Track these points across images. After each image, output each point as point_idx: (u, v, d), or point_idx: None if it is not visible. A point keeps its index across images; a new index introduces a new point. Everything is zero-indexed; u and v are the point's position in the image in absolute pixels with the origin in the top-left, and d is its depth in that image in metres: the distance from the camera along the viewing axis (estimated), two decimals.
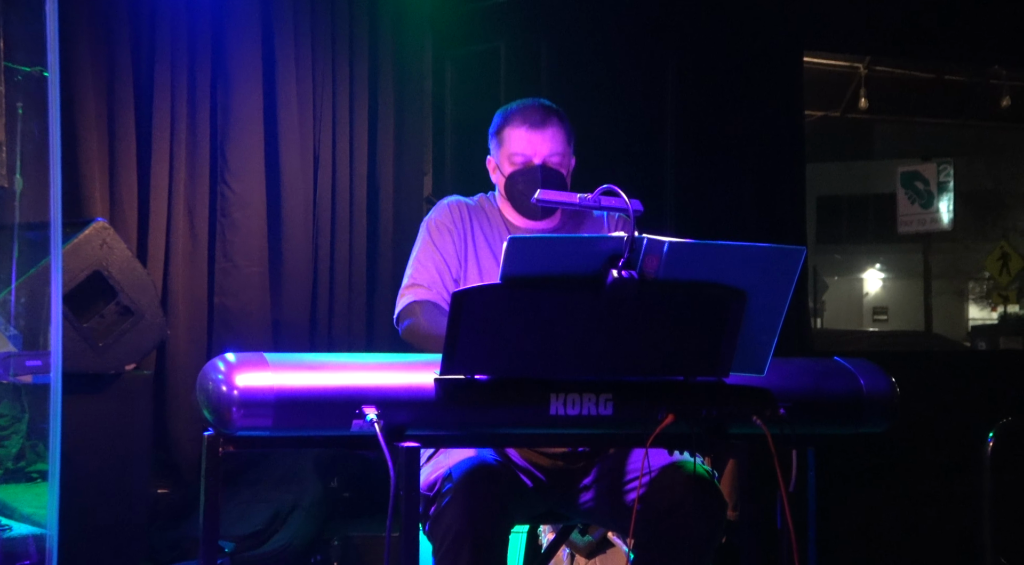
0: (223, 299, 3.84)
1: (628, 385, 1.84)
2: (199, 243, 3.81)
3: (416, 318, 2.30)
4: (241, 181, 3.87)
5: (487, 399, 1.78)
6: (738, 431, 1.88)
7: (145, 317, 3.25)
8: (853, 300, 19.15)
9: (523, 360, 1.78)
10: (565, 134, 2.41)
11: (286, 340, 3.85)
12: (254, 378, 1.70)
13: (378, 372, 1.77)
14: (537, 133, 2.37)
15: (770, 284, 1.80)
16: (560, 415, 1.80)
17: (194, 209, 3.81)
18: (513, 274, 1.71)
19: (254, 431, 1.72)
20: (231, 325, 3.83)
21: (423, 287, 2.36)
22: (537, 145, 2.37)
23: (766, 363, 1.86)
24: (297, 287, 3.94)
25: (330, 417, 1.72)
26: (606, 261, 1.74)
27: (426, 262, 2.39)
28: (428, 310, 2.31)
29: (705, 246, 1.77)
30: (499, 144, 2.43)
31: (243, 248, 3.85)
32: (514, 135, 2.39)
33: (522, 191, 2.37)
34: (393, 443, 1.73)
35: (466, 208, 2.44)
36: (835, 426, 1.97)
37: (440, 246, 2.40)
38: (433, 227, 2.43)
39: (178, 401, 3.72)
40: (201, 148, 3.82)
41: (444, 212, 2.44)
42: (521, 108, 2.41)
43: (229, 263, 3.85)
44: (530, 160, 2.37)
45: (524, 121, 2.38)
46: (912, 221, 11.17)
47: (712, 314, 1.81)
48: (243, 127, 3.87)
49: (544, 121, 2.38)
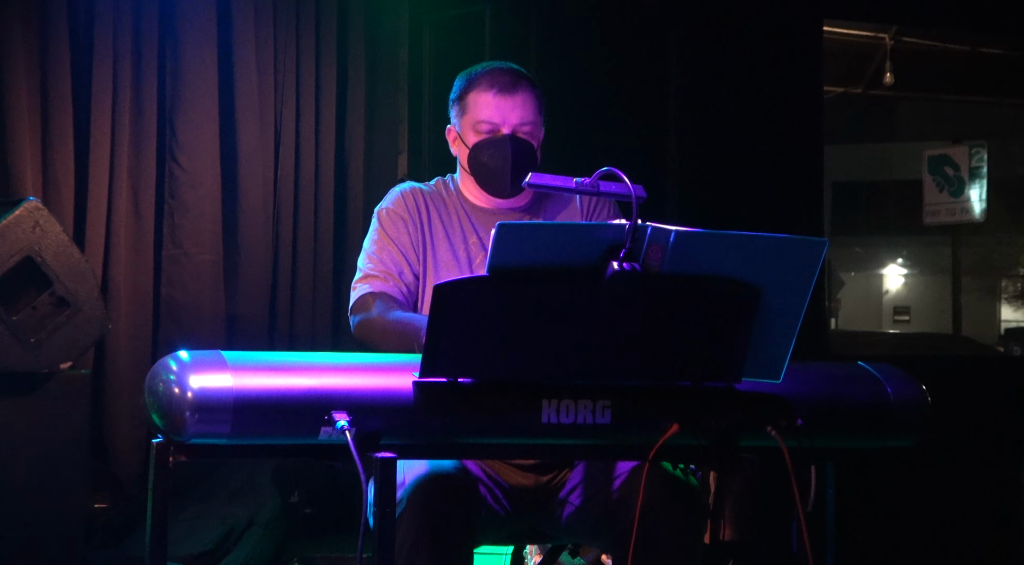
0: (171, 290, 3.84)
1: (628, 391, 1.85)
2: (144, 227, 3.80)
3: (370, 311, 2.30)
4: (192, 158, 3.86)
5: (471, 405, 1.79)
6: (750, 443, 1.89)
7: (83, 310, 3.24)
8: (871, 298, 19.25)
9: (512, 362, 1.78)
10: (537, 102, 2.39)
11: (242, 337, 3.85)
12: (211, 379, 1.70)
13: (350, 374, 1.78)
14: (506, 99, 2.35)
15: (788, 280, 1.81)
16: (553, 423, 1.81)
17: (139, 188, 3.80)
18: (501, 265, 1.72)
19: (210, 438, 1.71)
20: (180, 320, 3.82)
21: (378, 278, 2.35)
22: (506, 112, 2.35)
23: (782, 368, 1.87)
24: (255, 278, 3.93)
25: (296, 423, 1.72)
26: (605, 252, 1.74)
27: (380, 253, 2.38)
28: (383, 303, 2.30)
29: (716, 236, 1.78)
30: (462, 111, 2.40)
31: (194, 233, 3.85)
32: (480, 101, 2.36)
33: (487, 164, 2.36)
34: (366, 453, 1.74)
35: (421, 196, 2.43)
36: (858, 439, 1.99)
37: (395, 237, 2.39)
38: (385, 217, 2.41)
39: (119, 404, 3.71)
40: (147, 119, 3.80)
41: (397, 200, 2.43)
42: (488, 71, 2.39)
43: (178, 250, 3.84)
44: (498, 129, 2.36)
45: (492, 85, 2.36)
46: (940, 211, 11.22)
47: (723, 312, 1.82)
48: (195, 96, 3.86)
49: (514, 85, 2.36)
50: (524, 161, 2.33)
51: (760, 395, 1.89)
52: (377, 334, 2.27)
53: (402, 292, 2.35)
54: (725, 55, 4.45)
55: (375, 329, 2.27)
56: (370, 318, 2.29)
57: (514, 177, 2.33)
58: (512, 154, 2.33)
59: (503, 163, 2.34)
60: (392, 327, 2.23)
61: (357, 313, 2.33)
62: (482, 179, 2.39)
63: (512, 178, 2.34)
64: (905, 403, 1.97)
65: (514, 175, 2.32)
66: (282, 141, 4.02)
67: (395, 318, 2.25)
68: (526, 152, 2.35)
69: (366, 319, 2.30)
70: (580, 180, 2.00)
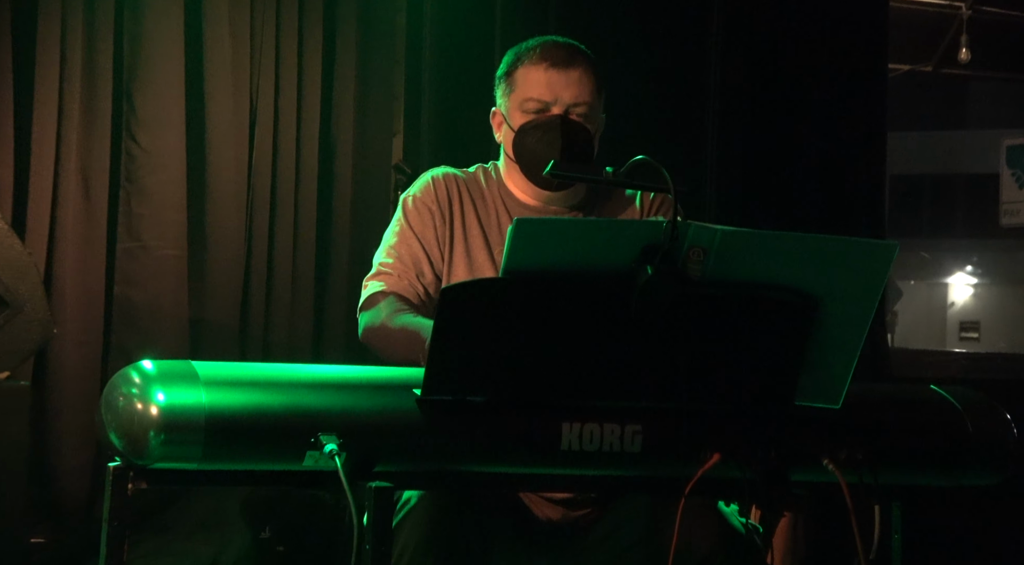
0: (127, 290, 3.84)
1: (662, 414, 1.86)
2: (96, 216, 3.80)
3: (377, 313, 2.32)
4: (153, 136, 3.86)
5: (481, 428, 1.80)
6: (803, 478, 1.90)
7: (24, 311, 3.24)
8: (934, 311, 19.24)
9: (528, 378, 1.79)
10: (596, 82, 2.41)
11: (209, 346, 3.86)
12: (180, 394, 1.71)
13: (340, 391, 1.79)
14: (561, 74, 2.37)
15: (851, 289, 1.82)
16: (574, 451, 1.81)
17: (90, 171, 3.80)
18: (519, 266, 1.73)
19: (178, 462, 1.72)
20: (137, 324, 3.82)
21: (392, 275, 2.38)
22: (559, 89, 2.36)
23: (842, 391, 1.88)
24: (225, 277, 3.94)
25: (278, 446, 1.73)
26: (639, 253, 1.75)
27: (399, 247, 2.41)
28: (393, 304, 2.32)
29: (768, 237, 1.80)
30: (508, 89, 2.43)
31: (155, 225, 3.85)
32: (530, 76, 2.39)
33: (533, 149, 2.36)
34: (358, 481, 1.74)
35: (456, 184, 2.45)
36: (930, 476, 1.99)
37: (419, 230, 2.42)
38: (411, 207, 2.44)
39: (63, 420, 3.72)
40: (101, 90, 3.81)
41: (426, 188, 2.45)
42: (541, 44, 2.42)
43: (136, 243, 3.84)
44: (548, 108, 2.37)
45: (544, 58, 2.38)
46: (1020, 210, 11.20)
47: (774, 325, 1.83)
48: (157, 65, 3.86)
49: (570, 60, 2.38)
50: (578, 147, 2.33)
51: (816, 422, 1.90)
52: (381, 340, 2.29)
53: (418, 294, 2.37)
54: (773, 29, 4.46)
55: (379, 334, 2.29)
56: (376, 321, 2.31)
57: (543, 172, 2.33)
58: (563, 137, 2.33)
59: (552, 146, 2.33)
60: (397, 333, 2.24)
61: (364, 314, 2.36)
62: (527, 166, 2.39)
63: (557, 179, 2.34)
64: (987, 435, 1.98)
65: (564, 162, 2.32)
66: (258, 119, 4.03)
67: (402, 323, 2.26)
68: (581, 137, 2.35)
69: (371, 322, 2.32)
70: (611, 170, 2.01)
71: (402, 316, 2.28)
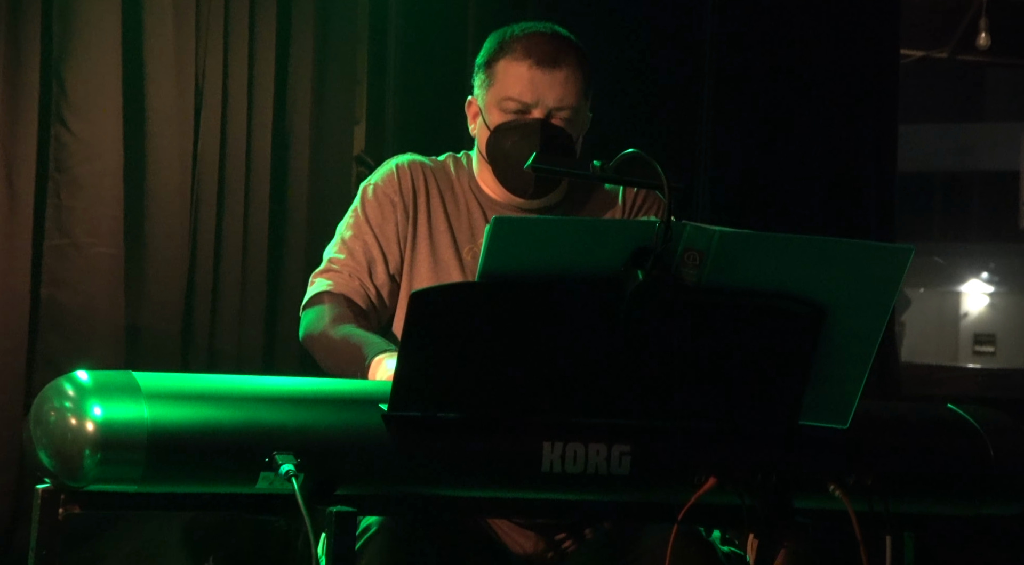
0: (55, 291, 3.82)
1: (653, 434, 1.86)
2: (20, 209, 3.78)
3: (319, 317, 2.33)
4: (87, 121, 3.84)
5: (453, 447, 1.80)
6: (807, 505, 1.90)
7: None
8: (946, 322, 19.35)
9: (506, 393, 1.80)
10: (583, 82, 2.43)
11: (147, 354, 3.84)
12: (120, 408, 1.71)
13: (299, 405, 1.79)
14: (545, 73, 2.39)
15: (862, 297, 1.84)
16: (556, 473, 1.82)
17: (13, 158, 3.78)
18: (497, 269, 1.73)
19: (116, 484, 1.72)
20: (66, 330, 3.80)
21: (343, 274, 2.40)
22: (542, 90, 2.38)
23: (850, 410, 1.89)
24: (166, 279, 3.93)
25: (228, 467, 1.73)
26: (630, 256, 1.76)
27: (353, 242, 2.43)
28: (337, 308, 2.34)
29: (772, 239, 1.81)
30: (488, 81, 2.44)
31: (87, 220, 3.83)
32: (511, 72, 2.40)
33: (509, 153, 2.39)
34: (317, 506, 1.74)
35: (423, 174, 2.47)
36: (947, 503, 2.01)
37: (377, 224, 2.43)
38: (370, 197, 2.46)
39: None
40: (26, 70, 3.78)
41: (388, 177, 2.47)
42: (527, 34, 2.43)
43: (66, 240, 3.83)
44: (528, 110, 2.40)
45: (528, 53, 2.40)
46: None
47: (777, 336, 1.84)
48: (91, 41, 3.84)
49: (557, 58, 2.40)
50: (557, 154, 2.35)
51: (822, 444, 1.91)
52: (320, 348, 2.31)
53: (369, 296, 2.39)
54: (772, 10, 4.48)
55: (318, 342, 2.31)
56: (317, 327, 2.33)
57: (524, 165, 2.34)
58: (541, 145, 2.35)
59: (528, 154, 2.34)
60: (338, 344, 2.26)
61: (307, 314, 2.38)
62: (501, 171, 2.42)
63: (538, 176, 2.36)
64: (1010, 459, 2.00)
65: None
66: (205, 103, 4.01)
67: (344, 334, 2.27)
68: (560, 143, 2.37)
69: (313, 326, 2.34)
70: (598, 164, 2.02)
71: (345, 326, 2.30)
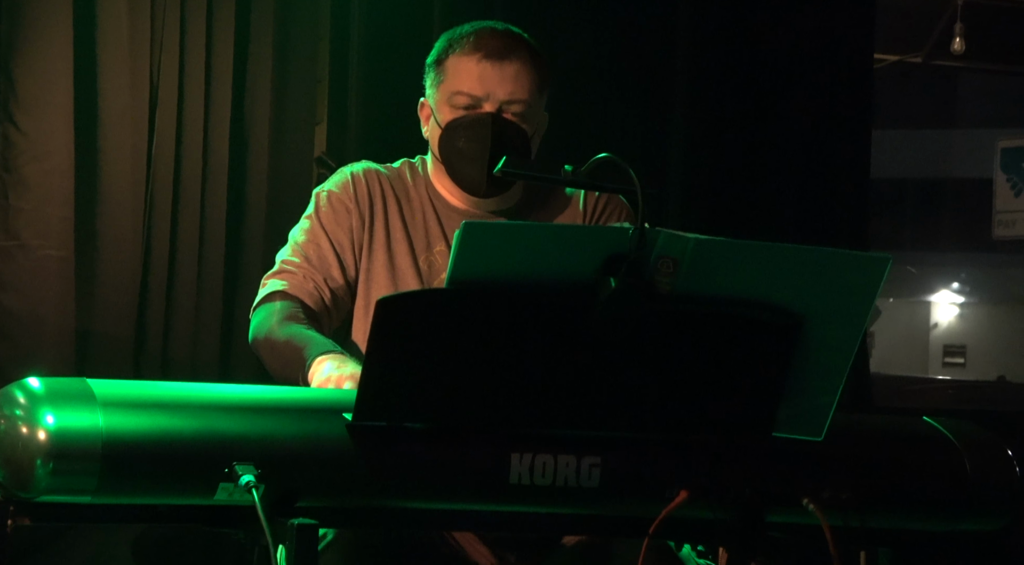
0: (2, 296, 3.80)
1: (624, 445, 1.87)
2: None
3: (269, 317, 2.34)
4: (36, 118, 3.82)
5: (419, 458, 1.80)
6: (781, 519, 1.91)
7: None
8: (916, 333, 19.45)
9: (474, 403, 1.80)
10: (536, 77, 2.44)
11: (98, 361, 3.82)
12: (73, 416, 1.70)
13: (259, 414, 1.78)
14: (495, 67, 2.40)
15: (838, 307, 1.85)
16: (524, 485, 1.82)
17: None
18: (466, 276, 1.74)
19: (69, 495, 1.71)
20: (12, 335, 3.79)
21: (297, 275, 2.40)
22: (492, 83, 2.40)
23: (826, 422, 1.90)
24: (118, 283, 3.91)
25: (186, 478, 1.73)
26: (602, 264, 1.77)
27: (308, 246, 2.44)
28: (288, 309, 2.34)
29: (747, 247, 1.82)
30: (438, 78, 2.46)
31: (36, 221, 3.81)
32: (461, 66, 2.42)
33: (461, 150, 2.40)
34: (278, 518, 1.73)
35: (378, 181, 2.48)
36: (923, 519, 2.02)
37: (331, 230, 2.44)
38: (324, 204, 2.47)
39: None
40: None
41: (344, 184, 2.48)
42: (477, 31, 2.45)
43: (13, 242, 3.81)
44: (479, 104, 2.40)
45: (478, 47, 2.42)
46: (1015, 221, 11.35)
47: (752, 346, 1.85)
48: (42, 36, 3.83)
49: (507, 51, 2.42)
50: (511, 150, 2.35)
51: (796, 457, 1.92)
52: (265, 349, 2.31)
53: (323, 298, 2.39)
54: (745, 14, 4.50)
55: (265, 342, 2.31)
56: (265, 326, 2.33)
57: (493, 169, 2.34)
58: (493, 139, 2.36)
59: (480, 150, 2.37)
60: (282, 345, 2.26)
61: (256, 314, 2.38)
62: (453, 169, 2.43)
63: (491, 171, 2.36)
64: (988, 474, 2.01)
65: (493, 167, 2.34)
66: (160, 101, 4.00)
67: (289, 334, 2.27)
68: (514, 139, 2.38)
69: (261, 326, 2.34)
70: (569, 168, 2.03)
71: (292, 325, 2.30)
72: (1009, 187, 11.30)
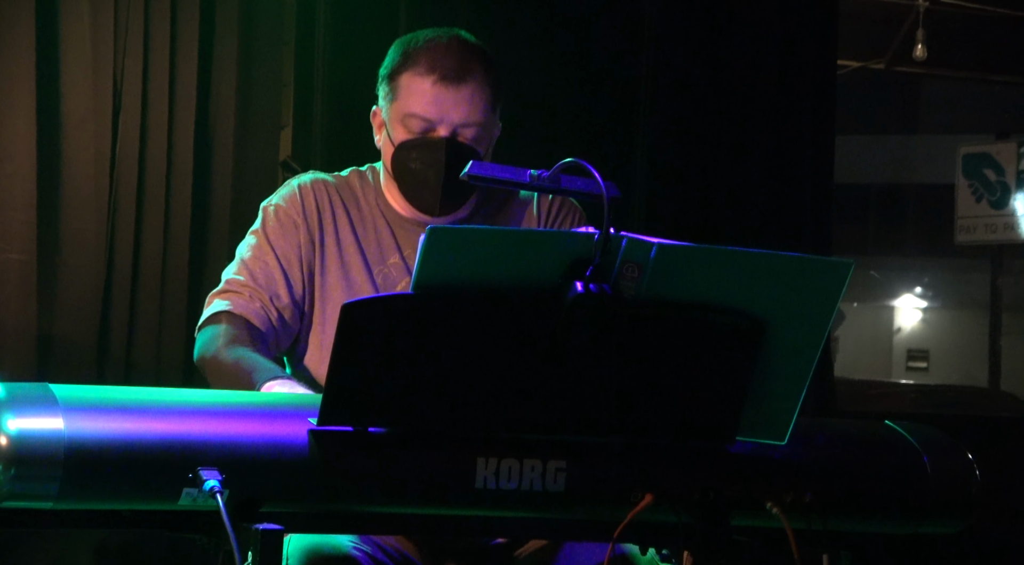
0: None
1: (589, 450, 1.87)
2: None
3: (214, 339, 2.33)
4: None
5: (383, 462, 1.80)
6: (745, 523, 1.92)
7: None
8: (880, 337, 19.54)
9: (439, 407, 1.80)
10: (489, 94, 2.44)
11: (61, 366, 3.81)
12: (35, 421, 1.69)
13: (224, 419, 1.78)
14: (450, 90, 2.40)
15: (801, 312, 1.86)
16: (490, 490, 1.82)
17: None
18: (431, 281, 1.74)
19: (31, 501, 1.70)
20: None
21: (242, 295, 2.39)
22: (446, 107, 2.40)
23: (789, 426, 1.91)
24: (81, 287, 3.89)
25: (150, 483, 1.72)
26: (567, 269, 1.77)
27: (254, 263, 2.43)
28: (234, 331, 2.34)
29: (710, 253, 1.83)
30: (392, 94, 2.46)
31: None
32: (415, 87, 2.41)
33: (414, 171, 2.40)
34: (243, 523, 1.73)
35: (326, 192, 2.48)
36: (884, 522, 2.03)
37: (279, 246, 2.43)
38: (272, 217, 2.46)
39: None
40: None
41: (291, 197, 2.47)
42: (431, 46, 2.43)
43: None
44: (433, 128, 2.41)
45: (432, 68, 2.41)
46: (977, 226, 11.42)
47: (715, 351, 1.86)
48: (1, 39, 3.81)
49: (462, 73, 2.41)
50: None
51: (759, 461, 1.93)
52: (211, 371, 2.31)
53: (270, 318, 2.38)
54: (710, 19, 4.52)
55: (211, 364, 2.31)
56: (211, 348, 2.33)
57: (446, 194, 2.38)
58: (447, 165, 2.37)
59: (434, 175, 2.38)
60: (229, 368, 2.26)
61: (202, 334, 2.37)
62: (406, 189, 2.44)
63: (444, 195, 2.39)
64: (948, 477, 2.02)
65: (446, 191, 2.38)
66: (124, 105, 3.99)
67: (236, 357, 2.27)
68: (466, 162, 2.37)
69: (206, 347, 2.34)
70: (536, 173, 2.03)
71: (238, 349, 2.30)
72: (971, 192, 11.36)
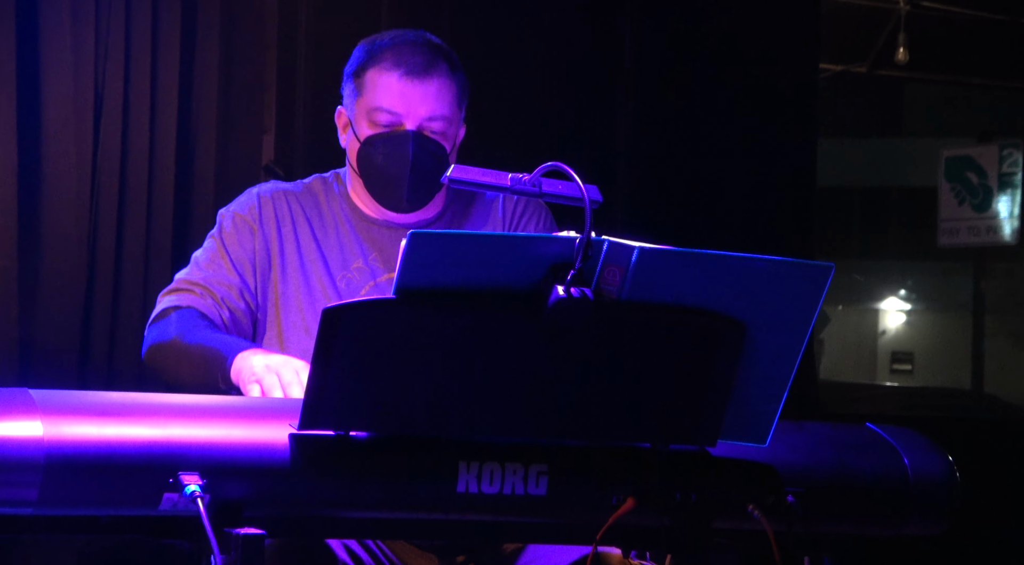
0: None
1: (571, 453, 1.88)
2: None
3: (167, 329, 2.33)
4: None
5: (365, 467, 1.80)
6: (727, 526, 1.93)
7: None
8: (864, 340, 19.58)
9: (421, 411, 1.80)
10: (455, 91, 2.46)
11: (42, 371, 3.80)
12: (14, 426, 1.69)
13: (204, 423, 1.78)
14: (416, 85, 2.41)
15: (782, 315, 1.86)
16: (472, 493, 1.83)
17: None
18: (412, 285, 1.74)
19: (10, 507, 1.70)
20: None
21: (192, 292, 2.39)
22: (412, 102, 2.41)
23: (770, 428, 1.91)
24: (62, 293, 3.89)
25: (130, 488, 1.72)
26: (548, 272, 1.78)
27: (208, 268, 2.43)
28: (189, 318, 2.33)
29: (691, 256, 1.83)
30: (357, 92, 2.47)
31: None
32: (380, 83, 2.43)
33: (380, 167, 2.41)
34: (224, 528, 1.73)
35: (285, 202, 2.49)
36: (866, 524, 2.03)
37: (233, 252, 2.44)
38: (228, 223, 2.47)
39: None
40: None
41: (249, 205, 2.49)
42: (396, 44, 2.45)
43: None
44: (400, 122, 2.42)
45: (398, 64, 2.42)
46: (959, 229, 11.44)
47: (697, 354, 1.86)
48: None
49: (428, 68, 2.43)
50: (429, 168, 2.39)
51: (741, 463, 1.93)
52: (169, 357, 2.30)
53: (220, 318, 2.38)
54: (690, 21, 4.53)
55: (168, 350, 2.30)
56: (166, 336, 2.31)
57: (413, 188, 2.39)
58: (413, 157, 2.37)
59: (400, 168, 2.39)
60: (193, 350, 2.25)
61: (153, 328, 2.36)
62: (373, 185, 2.45)
63: (410, 189, 2.40)
64: (929, 480, 2.03)
65: (413, 185, 2.38)
66: (104, 109, 3.98)
67: (200, 339, 2.26)
68: (433, 156, 2.40)
69: (160, 337, 2.33)
70: (517, 176, 2.04)
71: (200, 330, 2.29)
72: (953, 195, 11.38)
